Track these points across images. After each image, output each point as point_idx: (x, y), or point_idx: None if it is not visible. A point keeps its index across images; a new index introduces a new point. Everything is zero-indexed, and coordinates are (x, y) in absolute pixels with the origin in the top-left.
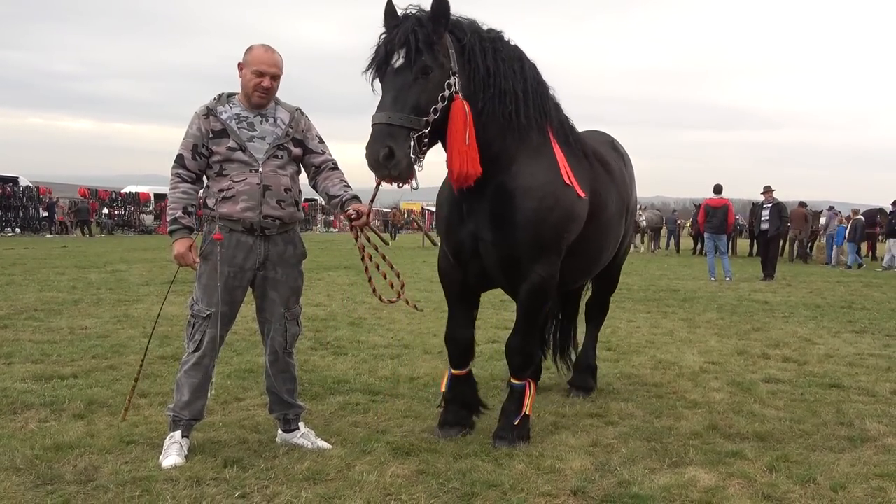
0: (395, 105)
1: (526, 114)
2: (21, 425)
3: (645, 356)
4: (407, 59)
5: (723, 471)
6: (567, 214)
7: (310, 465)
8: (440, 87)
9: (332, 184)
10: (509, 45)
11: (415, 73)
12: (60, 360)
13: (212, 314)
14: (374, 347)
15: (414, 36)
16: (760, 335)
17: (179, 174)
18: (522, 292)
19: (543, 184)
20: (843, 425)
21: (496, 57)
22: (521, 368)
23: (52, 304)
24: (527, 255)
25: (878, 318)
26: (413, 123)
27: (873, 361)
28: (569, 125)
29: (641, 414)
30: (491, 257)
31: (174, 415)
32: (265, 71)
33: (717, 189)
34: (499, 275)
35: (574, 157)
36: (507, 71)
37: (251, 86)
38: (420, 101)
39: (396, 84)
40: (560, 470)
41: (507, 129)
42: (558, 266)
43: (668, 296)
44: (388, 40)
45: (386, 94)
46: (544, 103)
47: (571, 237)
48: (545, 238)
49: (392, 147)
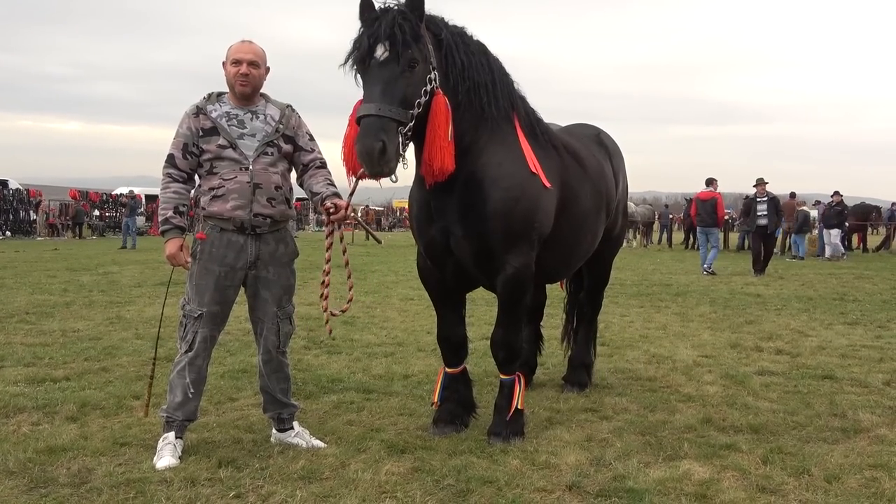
0: (384, 97)
1: (496, 105)
2: (14, 428)
3: (638, 350)
4: (393, 52)
5: (717, 463)
6: (533, 204)
7: (304, 465)
8: (423, 82)
9: (317, 181)
10: (474, 40)
11: (402, 66)
12: (53, 362)
13: (203, 314)
14: (367, 346)
15: (400, 29)
16: (753, 328)
17: (170, 174)
18: (499, 285)
19: (510, 173)
20: (837, 416)
21: (467, 51)
22: (506, 362)
23: (44, 307)
24: (498, 246)
25: (869, 310)
26: (401, 117)
27: (865, 353)
28: (535, 117)
29: (635, 408)
30: (463, 251)
31: (167, 416)
32: (241, 58)
33: (708, 182)
34: (474, 269)
35: (541, 148)
36: (477, 64)
37: (231, 75)
38: (407, 94)
39: (383, 76)
40: (555, 465)
41: (479, 121)
42: (532, 257)
43: (661, 290)
44: (372, 32)
45: (372, 86)
46: (511, 94)
47: (543, 228)
48: (514, 228)
49: (385, 142)
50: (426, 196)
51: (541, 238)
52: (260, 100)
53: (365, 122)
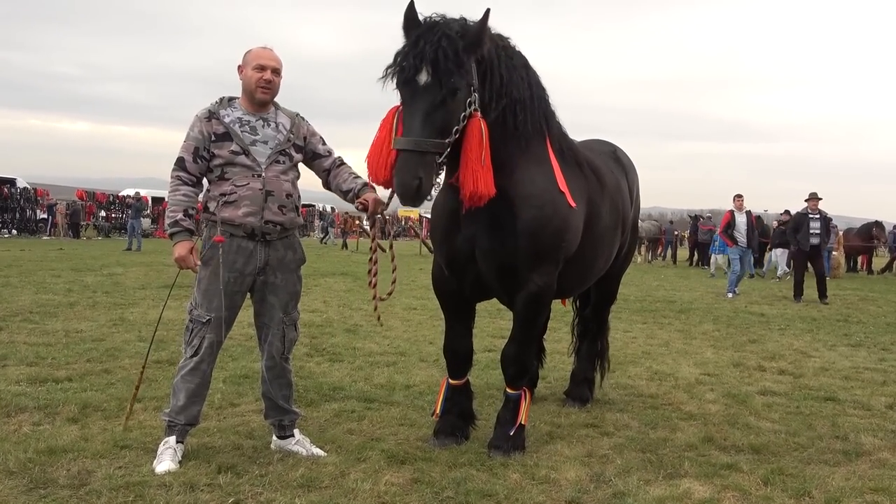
0: (423, 129)
1: (532, 121)
2: (14, 428)
3: (641, 367)
4: (435, 78)
5: (718, 483)
6: (564, 223)
7: (304, 472)
8: (463, 107)
9: (343, 179)
10: (517, 52)
11: (443, 95)
12: (55, 363)
13: (211, 319)
14: (369, 354)
15: (443, 53)
16: (756, 347)
17: (180, 177)
18: (519, 302)
19: (542, 191)
20: (839, 439)
21: (509, 65)
22: (516, 378)
23: (48, 307)
24: (524, 263)
25: (873, 332)
26: (439, 148)
27: (869, 375)
28: (562, 133)
29: (637, 425)
30: (488, 265)
31: (169, 420)
32: (266, 64)
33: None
34: (495, 283)
35: (567, 165)
36: (517, 79)
37: (253, 81)
38: (446, 123)
39: (424, 106)
40: (555, 480)
41: (513, 138)
42: (555, 276)
43: (665, 307)
44: (417, 53)
45: (413, 113)
46: (546, 111)
47: (570, 248)
48: (543, 247)
49: (422, 179)
50: (454, 205)
51: (566, 257)
52: (271, 107)
53: (403, 156)
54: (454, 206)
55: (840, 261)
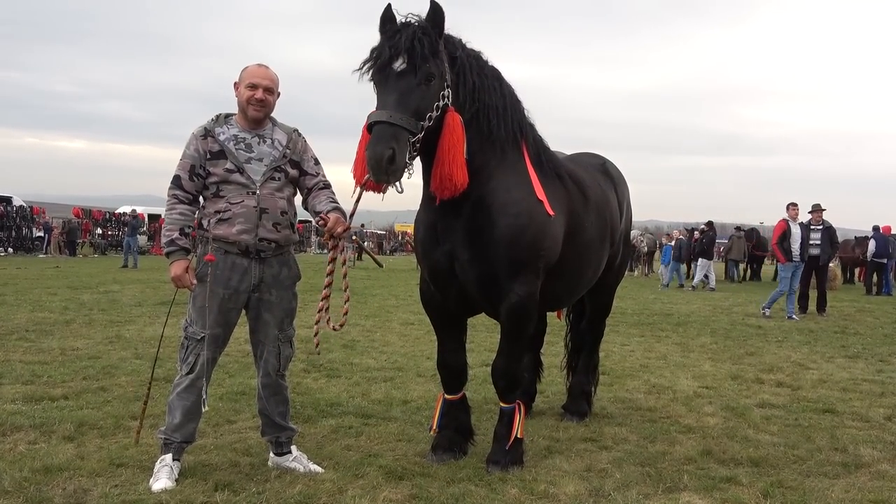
0: (397, 107)
1: (505, 128)
2: (10, 447)
3: (639, 380)
4: (411, 64)
5: (717, 496)
6: (541, 232)
7: (302, 489)
8: (437, 97)
9: (320, 201)
10: (489, 65)
11: (419, 79)
12: (51, 381)
13: (206, 336)
14: (367, 370)
15: (420, 43)
16: (754, 360)
17: (176, 195)
18: (503, 313)
19: (519, 199)
20: (838, 451)
21: (480, 73)
22: (507, 391)
23: (44, 325)
24: (504, 272)
25: (871, 343)
26: (413, 127)
27: (867, 387)
28: (542, 145)
29: (635, 438)
30: (468, 276)
31: (165, 437)
32: (258, 83)
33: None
34: (477, 295)
35: (545, 176)
36: (489, 87)
37: (245, 99)
38: (420, 107)
39: (399, 87)
40: (553, 495)
41: (487, 144)
42: (537, 286)
43: (662, 320)
44: (393, 44)
45: (388, 94)
46: (521, 121)
47: (550, 256)
48: (522, 255)
49: (395, 150)
50: (433, 218)
51: (547, 266)
52: (267, 123)
53: (377, 128)
54: (434, 220)
55: (836, 272)
